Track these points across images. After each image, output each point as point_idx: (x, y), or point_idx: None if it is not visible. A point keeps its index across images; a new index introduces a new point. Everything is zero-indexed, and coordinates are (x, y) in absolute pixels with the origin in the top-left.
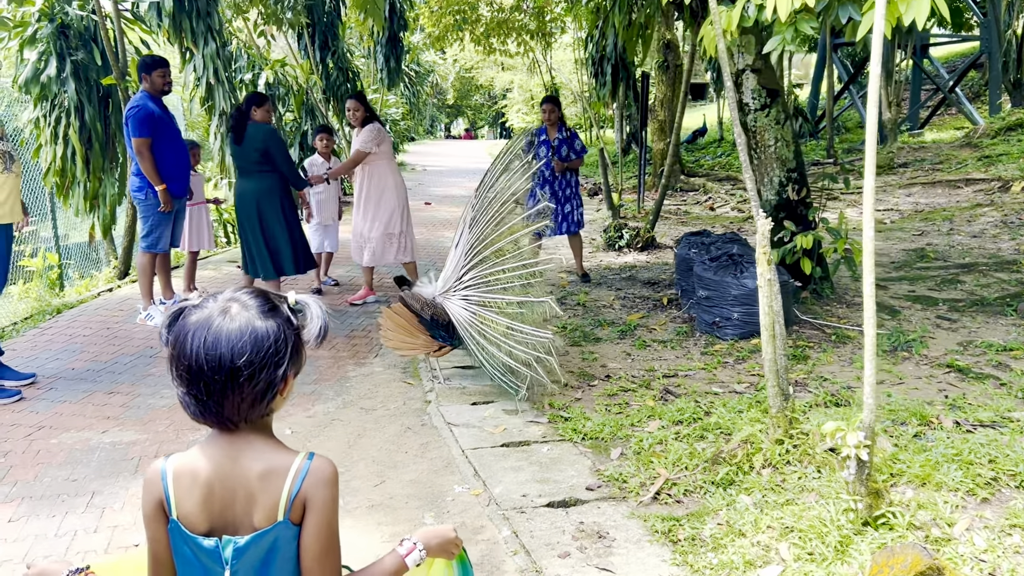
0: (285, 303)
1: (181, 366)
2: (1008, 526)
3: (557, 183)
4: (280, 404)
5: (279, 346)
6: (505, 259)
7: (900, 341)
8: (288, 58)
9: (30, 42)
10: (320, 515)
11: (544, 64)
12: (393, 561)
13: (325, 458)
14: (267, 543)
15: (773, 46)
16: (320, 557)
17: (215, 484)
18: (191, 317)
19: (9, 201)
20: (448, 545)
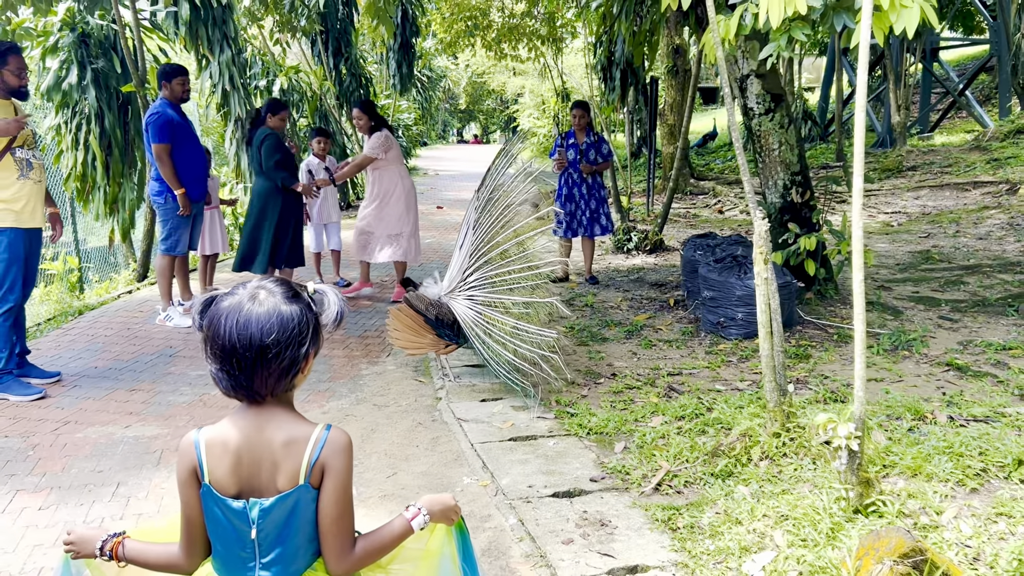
0: (305, 291)
1: (216, 345)
2: (994, 514)
3: (585, 186)
4: (301, 381)
5: (302, 327)
6: (511, 260)
7: (901, 340)
8: (302, 65)
9: (52, 51)
10: (337, 479)
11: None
12: (400, 524)
13: (341, 429)
14: (290, 504)
15: (769, 52)
16: (336, 518)
17: (243, 452)
18: (223, 303)
19: (29, 206)
20: (448, 512)
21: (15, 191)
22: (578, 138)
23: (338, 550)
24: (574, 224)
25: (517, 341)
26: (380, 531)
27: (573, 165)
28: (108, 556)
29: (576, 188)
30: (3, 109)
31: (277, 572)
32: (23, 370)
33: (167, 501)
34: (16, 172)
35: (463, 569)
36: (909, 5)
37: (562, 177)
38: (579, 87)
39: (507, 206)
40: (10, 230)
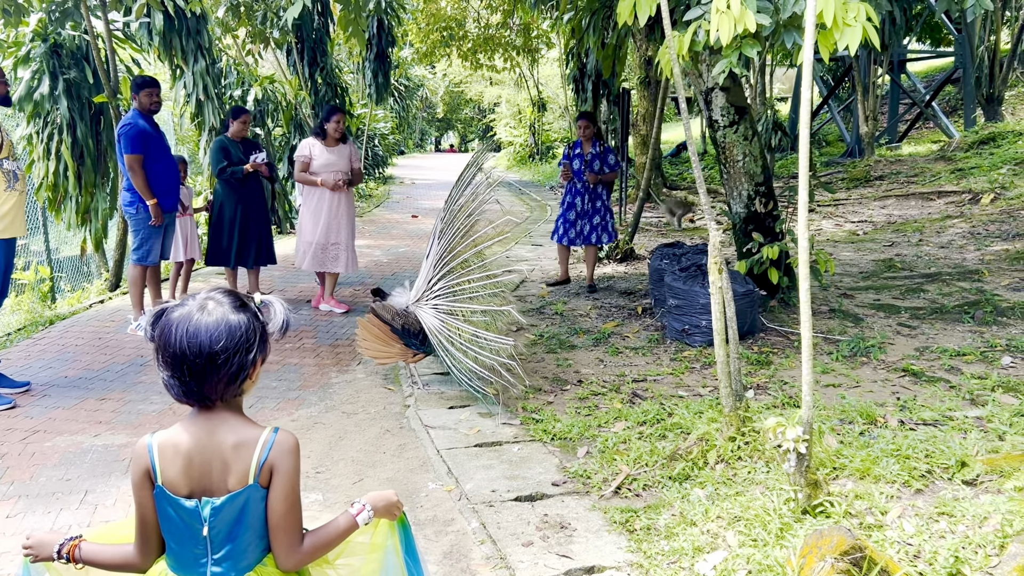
0: (252, 301)
1: (167, 353)
2: (936, 514)
3: (588, 195)
4: (249, 387)
5: (249, 335)
6: (471, 269)
7: (860, 347)
8: (277, 74)
9: (23, 61)
10: (284, 479)
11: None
12: (346, 520)
13: (288, 432)
14: (239, 503)
15: (720, 69)
16: (284, 515)
17: (194, 454)
18: (174, 313)
19: (9, 216)
20: (391, 507)
21: (1, 202)
22: (584, 148)
23: (287, 545)
24: (571, 233)
25: (476, 348)
26: (327, 527)
27: (578, 175)
28: (65, 559)
29: (579, 197)
30: None
31: (228, 567)
32: None
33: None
34: (4, 183)
35: (406, 561)
36: (852, 24)
37: (568, 186)
38: (555, 97)
39: (468, 215)
40: None
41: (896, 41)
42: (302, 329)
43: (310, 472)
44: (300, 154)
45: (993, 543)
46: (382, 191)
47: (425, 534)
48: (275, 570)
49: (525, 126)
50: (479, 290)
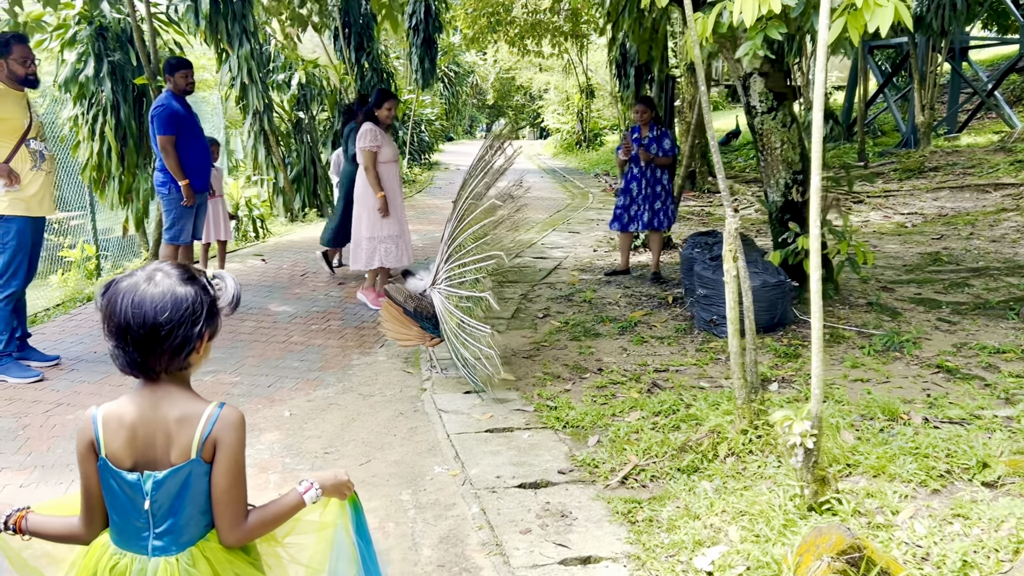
0: (203, 275)
1: (112, 323)
2: (951, 515)
3: (646, 180)
4: (197, 360)
5: (195, 308)
6: (462, 254)
7: (894, 341)
8: (323, 59)
9: (70, 43)
10: (227, 454)
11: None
12: (293, 497)
13: (233, 407)
14: (182, 477)
15: (744, 52)
16: (227, 489)
17: (138, 427)
18: (121, 284)
19: (38, 196)
20: (341, 487)
21: (28, 181)
22: (642, 133)
23: (230, 521)
24: (624, 218)
25: (464, 335)
26: (273, 504)
27: (634, 159)
28: (12, 530)
29: (635, 182)
30: (14, 98)
31: (170, 541)
32: (23, 353)
33: None
34: (31, 163)
35: (356, 542)
36: (884, 4)
37: (626, 172)
38: (604, 84)
39: (472, 197)
40: (20, 219)
41: (958, 27)
42: (330, 310)
43: (319, 453)
44: (371, 143)
45: (1007, 547)
46: (426, 177)
47: (425, 517)
48: (218, 545)
49: (572, 113)
50: (465, 275)
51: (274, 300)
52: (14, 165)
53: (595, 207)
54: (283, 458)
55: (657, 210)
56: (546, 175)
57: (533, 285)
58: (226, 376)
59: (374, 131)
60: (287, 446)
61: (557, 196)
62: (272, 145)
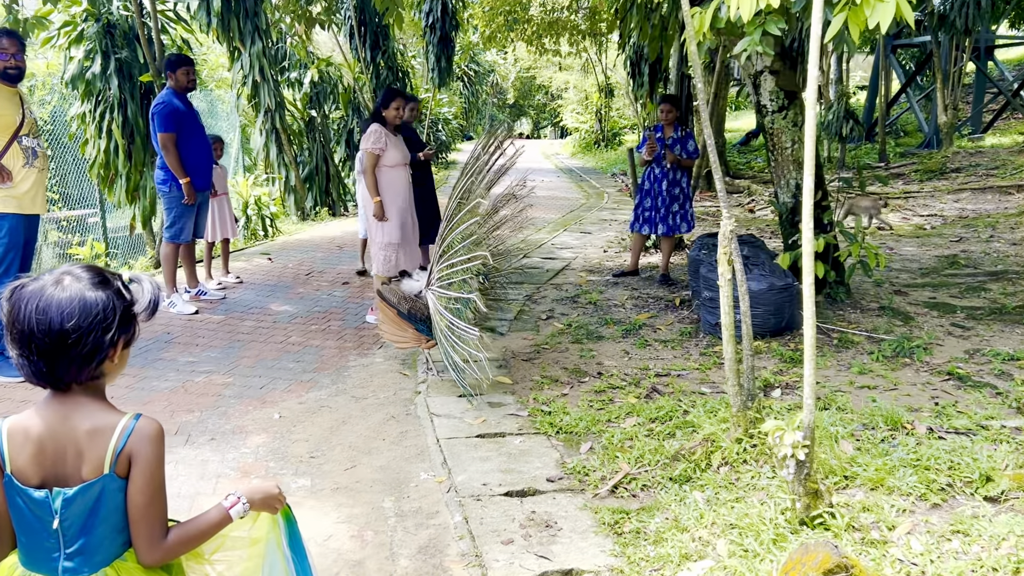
0: (118, 278)
1: (15, 330)
2: (950, 531)
3: (667, 181)
4: (111, 369)
5: (107, 314)
6: (451, 254)
7: (904, 347)
8: (338, 57)
9: (77, 40)
10: (144, 469)
11: (598, 64)
12: (217, 513)
13: (151, 418)
14: (94, 494)
15: (743, 47)
16: (144, 506)
17: (46, 441)
18: (27, 288)
19: (31, 193)
20: (271, 500)
21: (20, 178)
22: (665, 133)
23: (147, 539)
24: (641, 219)
25: (454, 338)
26: (196, 520)
27: (657, 159)
28: None
29: (656, 184)
30: (6, 94)
31: (81, 562)
32: None
33: None
34: (23, 160)
35: (290, 557)
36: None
37: (646, 172)
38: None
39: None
40: (12, 216)
41: (983, 26)
42: (331, 311)
43: (304, 457)
44: (374, 145)
45: (1006, 567)
46: (442, 176)
47: (405, 526)
48: (136, 565)
49: (591, 112)
50: (452, 276)
51: (276, 300)
52: (6, 162)
53: (609, 207)
54: (267, 462)
55: (675, 213)
56: (563, 174)
57: (539, 286)
58: (219, 377)
59: (379, 132)
60: (272, 450)
61: (572, 196)
62: (284, 143)
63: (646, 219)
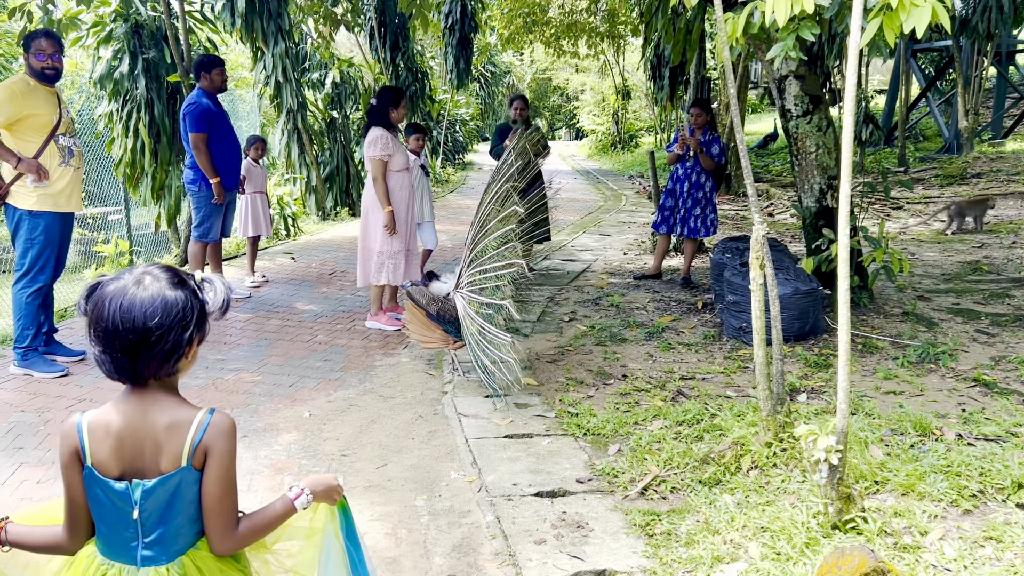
0: (192, 279)
1: (99, 328)
2: (983, 538)
3: (690, 183)
4: (186, 366)
5: (186, 312)
6: (483, 260)
7: (929, 353)
8: (358, 58)
9: (105, 40)
10: (219, 462)
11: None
12: (284, 504)
13: (225, 413)
14: (172, 485)
15: (775, 53)
16: (219, 498)
17: (126, 435)
18: (109, 287)
19: (66, 192)
20: (331, 491)
21: (56, 177)
22: (694, 135)
23: (221, 529)
24: (671, 220)
25: (485, 343)
26: (264, 511)
27: (682, 161)
28: None
29: (680, 184)
30: (44, 94)
31: (159, 551)
32: (50, 348)
33: None
34: (59, 159)
35: (346, 546)
36: (921, 4)
37: (671, 172)
38: (641, 85)
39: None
40: (48, 214)
41: (1005, 30)
42: (356, 310)
43: (336, 455)
44: (382, 151)
45: None
46: (459, 176)
47: (438, 524)
48: (208, 554)
49: (608, 114)
50: (485, 281)
51: (301, 299)
52: (43, 161)
53: (628, 209)
54: (300, 460)
55: (697, 216)
56: (579, 176)
57: (561, 288)
58: (248, 375)
59: (385, 138)
60: (304, 447)
61: (589, 198)
62: (305, 143)
63: (664, 219)
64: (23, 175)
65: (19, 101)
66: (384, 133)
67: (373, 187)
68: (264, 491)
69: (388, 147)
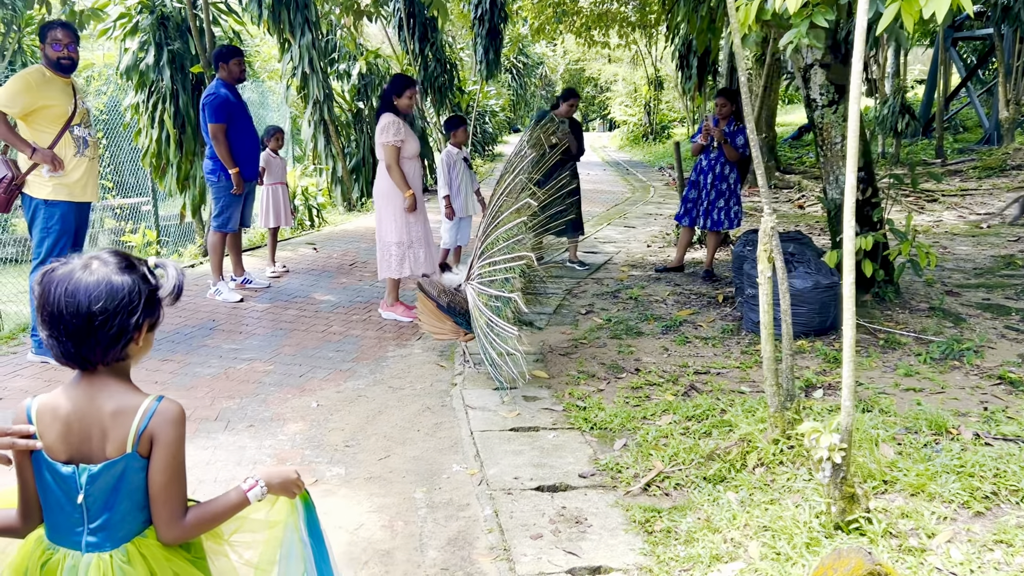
0: (144, 264)
1: (45, 312)
2: (993, 541)
3: (713, 175)
4: (136, 352)
5: (132, 297)
6: (494, 252)
7: (953, 349)
8: (386, 48)
9: (132, 32)
10: (165, 449)
11: (648, 56)
12: (236, 495)
13: (172, 400)
14: (117, 471)
15: (789, 39)
16: (164, 485)
17: (73, 420)
18: (57, 271)
19: (82, 182)
20: (289, 484)
21: (71, 167)
22: (719, 126)
23: (167, 517)
24: (694, 212)
25: (492, 335)
26: (214, 501)
27: (706, 153)
28: None
29: (703, 176)
30: (59, 85)
31: (104, 537)
32: None
33: None
34: (74, 149)
35: (307, 541)
36: None
37: (695, 164)
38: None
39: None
40: (64, 203)
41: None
42: (373, 301)
43: (340, 445)
44: (395, 137)
45: None
46: (487, 168)
47: (435, 517)
48: (155, 542)
49: (640, 105)
50: (495, 274)
51: (320, 289)
52: (58, 151)
53: (655, 201)
54: (303, 450)
55: (720, 208)
56: (609, 168)
57: (580, 280)
58: (261, 364)
59: (396, 123)
60: (309, 438)
61: (617, 189)
62: (332, 134)
63: (687, 211)
64: (39, 165)
65: (34, 92)
66: (395, 119)
67: (384, 177)
68: None
69: (400, 132)
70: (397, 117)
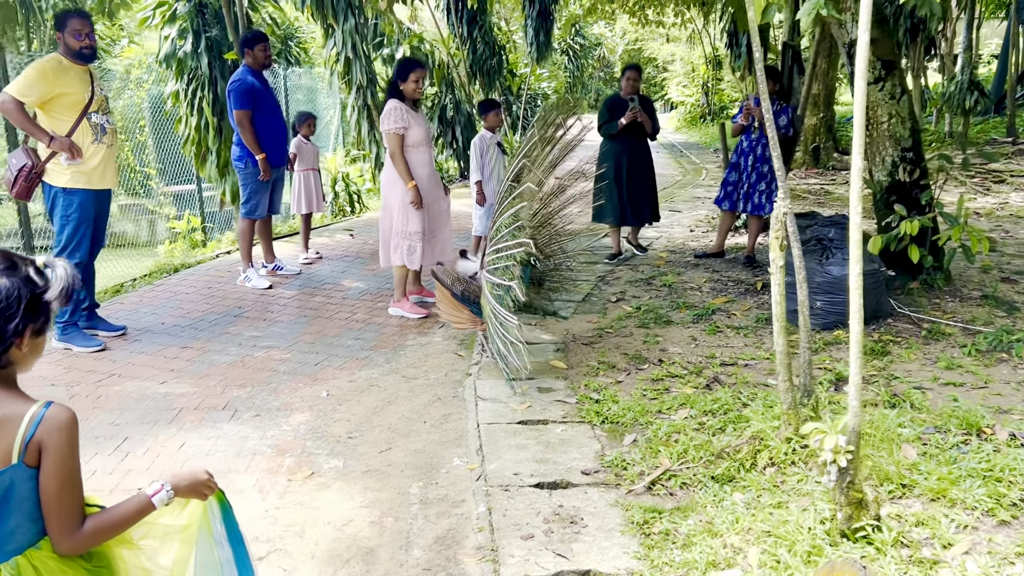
0: (30, 264)
1: None
2: (1015, 553)
3: (755, 156)
4: (20, 357)
5: (10, 302)
6: (497, 240)
7: (1002, 341)
8: (434, 32)
9: (171, 20)
10: (54, 457)
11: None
12: (139, 500)
13: (62, 406)
14: (4, 483)
15: (804, 12)
16: (55, 495)
17: None
18: None
19: (100, 169)
20: (198, 486)
21: (89, 155)
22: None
23: (61, 528)
24: (735, 196)
25: (497, 323)
26: (114, 509)
27: (747, 134)
28: None
29: (744, 157)
30: (76, 72)
31: None
32: (91, 323)
33: (161, 460)
34: (91, 136)
35: (224, 542)
36: None
37: (736, 145)
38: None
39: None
40: (82, 191)
41: None
42: None
43: (342, 437)
44: (395, 124)
45: None
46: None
47: (427, 514)
48: (50, 554)
49: (697, 85)
50: (498, 261)
51: (350, 276)
52: (76, 139)
53: (705, 184)
54: (305, 441)
55: (762, 192)
56: (662, 149)
57: (613, 267)
58: (278, 352)
59: (399, 109)
60: (312, 428)
61: (668, 172)
62: (375, 120)
63: (728, 194)
64: (57, 153)
65: (50, 80)
66: (398, 105)
67: (391, 165)
68: (261, 472)
69: (402, 119)
70: (402, 103)
